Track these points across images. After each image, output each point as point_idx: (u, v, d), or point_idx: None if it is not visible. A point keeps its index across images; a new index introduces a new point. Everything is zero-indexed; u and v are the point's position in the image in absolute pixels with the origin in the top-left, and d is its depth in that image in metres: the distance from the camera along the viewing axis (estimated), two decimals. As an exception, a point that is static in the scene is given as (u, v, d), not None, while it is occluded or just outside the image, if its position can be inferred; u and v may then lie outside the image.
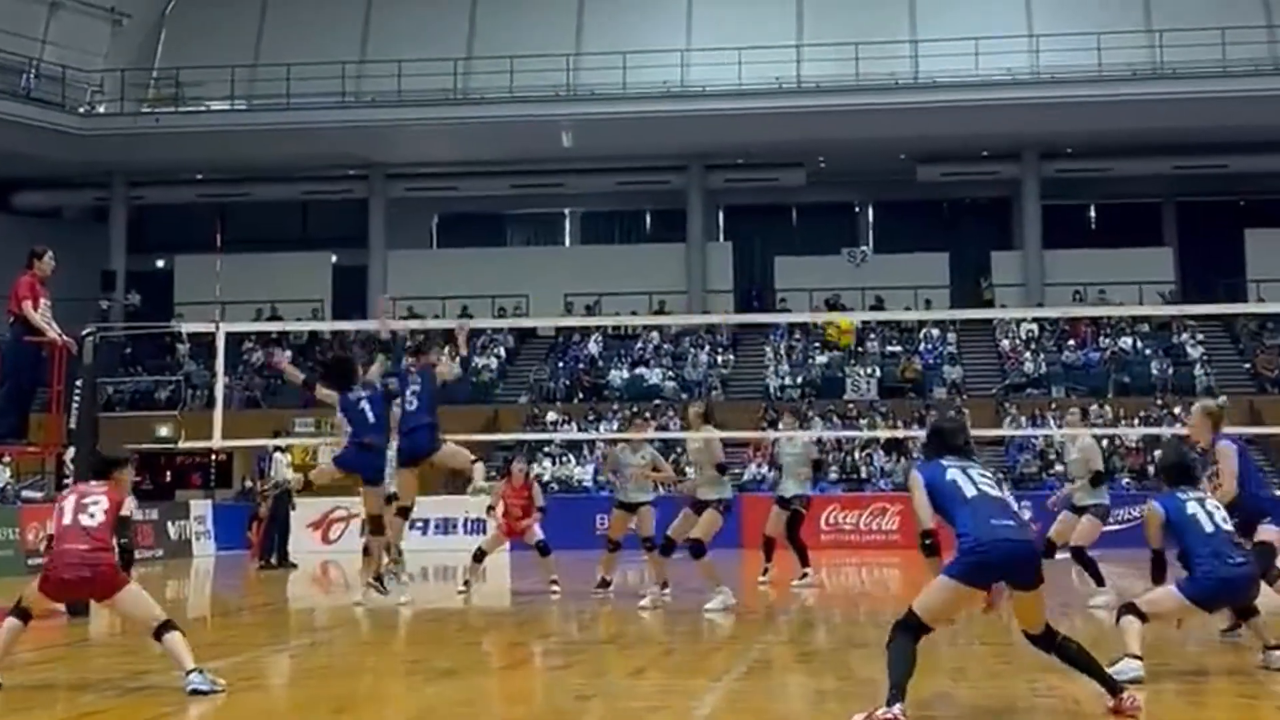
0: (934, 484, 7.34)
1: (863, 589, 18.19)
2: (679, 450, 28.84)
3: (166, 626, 8.60)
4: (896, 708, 6.88)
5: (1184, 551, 8.76)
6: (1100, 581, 13.42)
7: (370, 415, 13.42)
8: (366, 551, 14.32)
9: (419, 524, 23.16)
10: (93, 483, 9.14)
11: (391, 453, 13.96)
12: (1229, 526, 8.89)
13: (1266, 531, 9.91)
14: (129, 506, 9.15)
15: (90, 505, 8.83)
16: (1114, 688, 7.31)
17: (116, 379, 33.62)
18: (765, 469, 28.81)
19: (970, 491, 7.24)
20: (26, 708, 7.94)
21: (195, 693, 8.21)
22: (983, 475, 7.38)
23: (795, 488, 16.41)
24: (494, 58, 34.16)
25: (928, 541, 7.30)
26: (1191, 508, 8.82)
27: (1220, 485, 9.95)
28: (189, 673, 8.42)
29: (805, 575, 16.30)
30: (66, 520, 8.78)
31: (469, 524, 25.19)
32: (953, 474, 7.35)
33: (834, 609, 14.54)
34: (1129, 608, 8.74)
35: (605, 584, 15.04)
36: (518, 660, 9.88)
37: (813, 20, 35.29)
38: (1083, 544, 13.53)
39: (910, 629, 7.20)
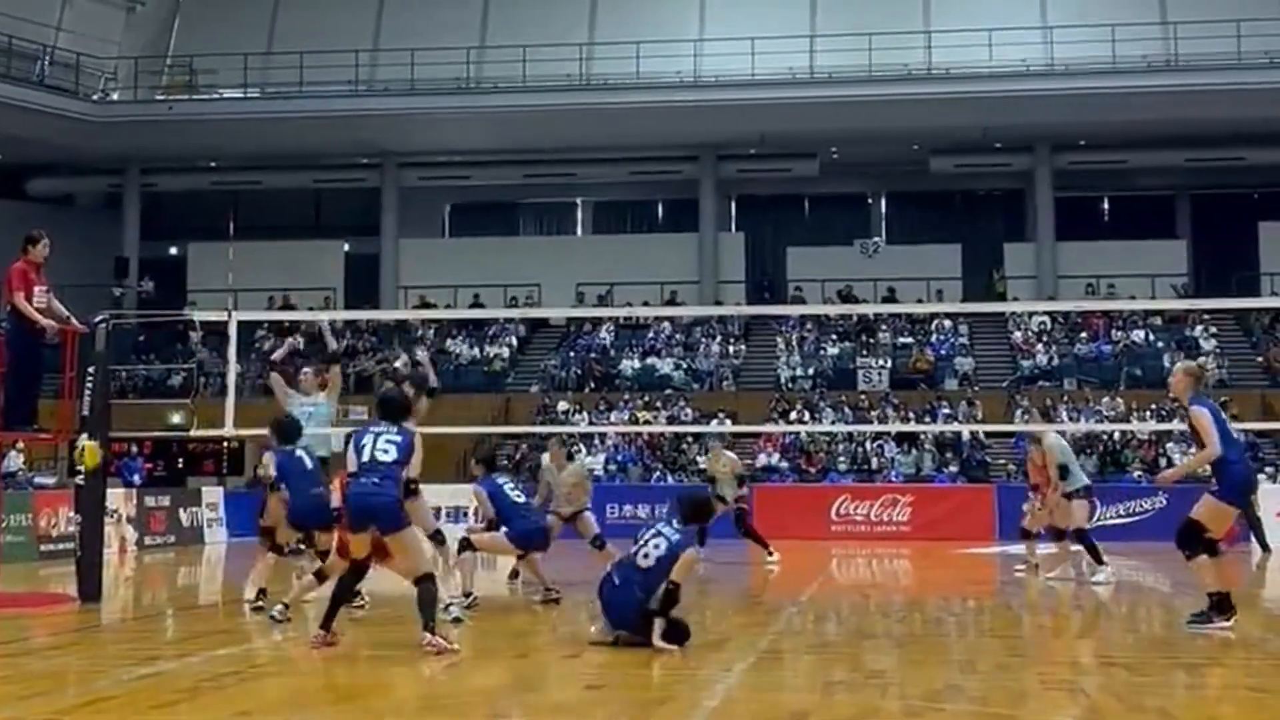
0: (355, 441, 9.58)
1: (873, 580, 18.21)
2: (689, 439, 28.90)
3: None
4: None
5: None
6: (1100, 560, 14.91)
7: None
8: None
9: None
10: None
11: None
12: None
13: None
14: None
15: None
16: (430, 627, 9.20)
17: (130, 366, 33.70)
18: (776, 458, 28.84)
19: (364, 458, 9.42)
20: (39, 694, 7.97)
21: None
22: (389, 440, 9.47)
23: (733, 491, 19.29)
24: (507, 47, 34.13)
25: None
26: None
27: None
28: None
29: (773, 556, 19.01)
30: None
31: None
32: (365, 438, 9.54)
33: (844, 600, 14.56)
34: None
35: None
36: (528, 649, 9.89)
37: (826, 10, 35.23)
38: (1083, 526, 15.15)
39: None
